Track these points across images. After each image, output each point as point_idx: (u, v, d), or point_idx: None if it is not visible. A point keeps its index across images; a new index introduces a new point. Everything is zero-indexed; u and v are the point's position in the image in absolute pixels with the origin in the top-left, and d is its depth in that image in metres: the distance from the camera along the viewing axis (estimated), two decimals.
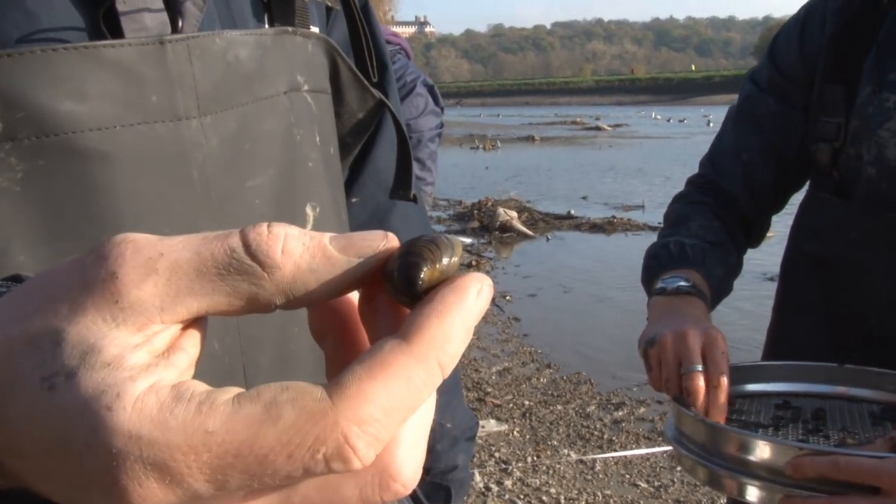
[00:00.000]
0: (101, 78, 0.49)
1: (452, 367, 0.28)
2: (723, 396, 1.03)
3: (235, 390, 0.27)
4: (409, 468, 0.28)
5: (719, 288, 1.23)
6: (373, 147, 0.84)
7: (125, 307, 0.27)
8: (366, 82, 0.75)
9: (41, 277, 0.29)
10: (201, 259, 0.27)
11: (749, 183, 1.31)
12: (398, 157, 0.80)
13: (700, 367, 1.05)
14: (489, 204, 10.17)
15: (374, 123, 0.80)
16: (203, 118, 0.54)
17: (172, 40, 0.52)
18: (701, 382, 1.04)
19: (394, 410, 0.26)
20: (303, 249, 0.28)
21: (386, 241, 0.30)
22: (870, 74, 1.15)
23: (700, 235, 1.26)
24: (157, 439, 0.25)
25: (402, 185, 0.80)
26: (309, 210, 0.63)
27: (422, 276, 0.29)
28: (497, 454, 3.74)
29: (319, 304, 0.32)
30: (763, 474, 0.90)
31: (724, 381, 1.03)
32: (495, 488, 3.41)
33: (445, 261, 0.29)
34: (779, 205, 1.33)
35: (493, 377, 4.76)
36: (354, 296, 0.32)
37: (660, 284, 1.19)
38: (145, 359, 0.27)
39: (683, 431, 1.03)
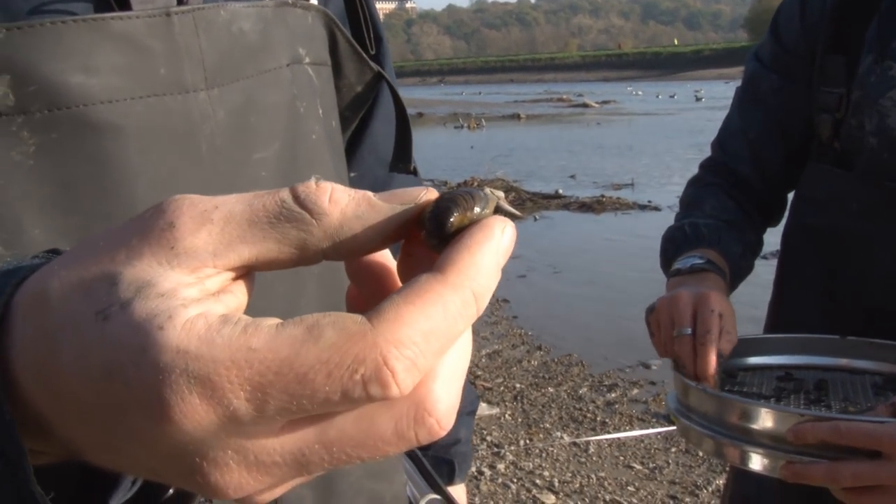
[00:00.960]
0: (109, 51, 0.51)
1: (486, 300, 0.29)
2: (709, 354, 1.04)
3: (280, 320, 0.28)
4: (444, 403, 0.29)
5: (738, 265, 1.25)
6: (370, 121, 0.85)
7: (180, 252, 0.29)
8: (364, 55, 0.76)
9: (101, 232, 0.30)
10: (253, 210, 0.29)
11: (758, 162, 1.33)
12: (397, 130, 0.81)
13: (689, 330, 1.07)
14: (475, 184, 10.13)
15: (371, 97, 0.82)
16: (210, 90, 0.55)
17: (179, 12, 0.54)
18: (689, 347, 1.06)
19: (431, 336, 0.27)
20: (349, 199, 0.30)
21: (427, 193, 0.32)
22: (872, 44, 1.17)
23: (714, 215, 1.29)
24: (203, 354, 0.26)
25: (402, 157, 0.82)
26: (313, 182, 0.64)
27: (451, 219, 0.31)
28: (489, 438, 3.78)
29: (359, 268, 0.34)
30: (765, 442, 0.93)
31: (709, 337, 1.05)
32: (488, 472, 3.45)
33: (477, 210, 0.31)
34: (791, 182, 1.35)
35: (483, 360, 4.80)
36: (393, 264, 0.34)
37: (675, 266, 1.22)
38: (197, 294, 0.28)
39: (682, 400, 1.05)
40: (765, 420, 0.93)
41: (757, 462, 0.94)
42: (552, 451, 3.64)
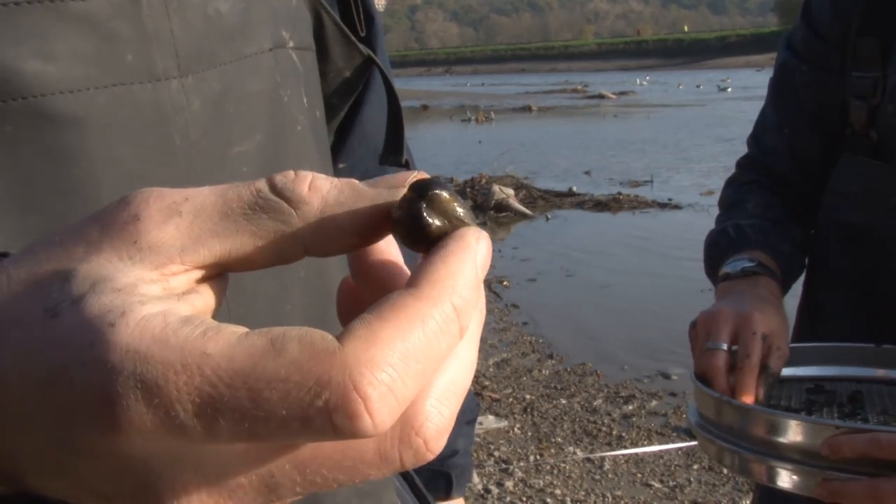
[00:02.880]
0: (69, 35, 0.49)
1: (469, 313, 0.28)
2: (751, 380, 1.03)
3: (248, 329, 0.27)
4: (434, 423, 0.27)
5: (789, 265, 1.25)
6: (361, 108, 0.84)
7: (143, 247, 0.28)
8: (352, 37, 0.75)
9: (62, 227, 0.30)
10: (226, 200, 0.29)
11: (796, 158, 1.33)
12: (388, 120, 0.80)
13: (723, 346, 1.06)
14: (483, 181, 10.16)
15: (361, 82, 0.80)
16: (184, 79, 0.54)
17: None
18: (720, 362, 1.05)
19: (411, 357, 0.26)
20: (330, 186, 0.30)
21: (417, 175, 0.31)
22: None
23: (758, 215, 1.29)
24: (154, 355, 0.25)
25: (393, 149, 0.81)
26: None
27: (432, 223, 0.30)
28: (496, 453, 3.76)
29: (365, 266, 0.33)
30: (795, 457, 0.91)
31: (750, 362, 1.04)
32: (495, 490, 3.43)
33: (460, 210, 0.31)
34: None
35: (491, 369, 4.78)
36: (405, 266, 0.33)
37: (724, 270, 1.21)
38: (158, 292, 0.28)
39: (703, 413, 1.03)
40: (795, 433, 0.91)
41: (786, 479, 0.93)
42: (564, 468, 3.62)
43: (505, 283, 6.63)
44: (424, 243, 0.30)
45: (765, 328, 1.06)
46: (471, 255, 0.29)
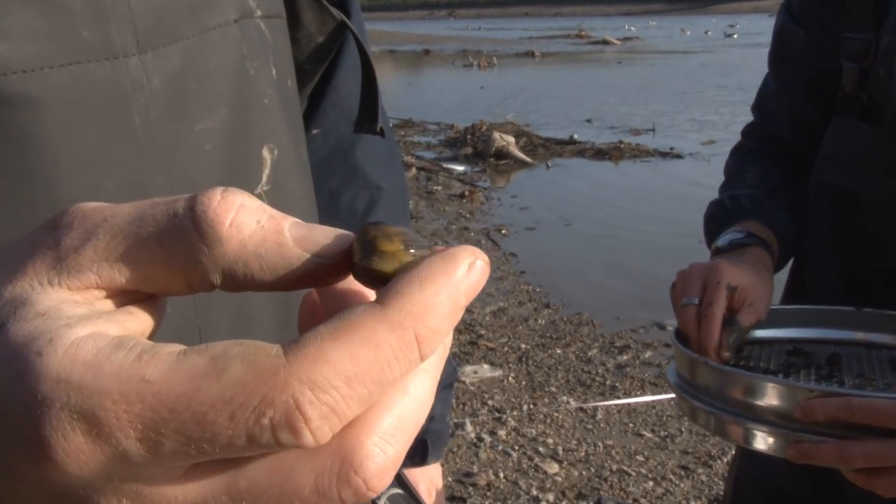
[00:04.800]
0: (20, 12, 0.47)
1: (432, 346, 0.26)
2: (712, 328, 1.04)
3: (184, 346, 0.26)
4: (376, 462, 0.26)
5: (787, 233, 1.25)
6: (334, 73, 0.82)
7: (62, 271, 0.27)
8: (324, 1, 0.73)
9: None
10: (143, 223, 0.27)
11: (795, 123, 1.33)
12: (363, 86, 0.78)
13: (695, 300, 1.07)
14: (484, 128, 10.09)
15: (335, 47, 0.79)
16: (143, 55, 0.52)
17: None
18: (691, 316, 1.06)
19: (357, 380, 0.25)
20: (255, 227, 0.27)
21: (350, 241, 0.29)
22: None
23: (756, 184, 1.30)
24: (88, 384, 0.25)
25: (368, 117, 0.78)
26: (266, 153, 0.61)
27: (382, 263, 0.28)
28: (490, 402, 3.80)
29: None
30: (771, 419, 0.92)
31: (711, 309, 1.04)
32: (488, 438, 3.48)
33: (413, 251, 0.29)
34: None
35: (487, 318, 4.81)
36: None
37: (716, 244, 1.22)
38: (85, 312, 0.27)
39: (682, 374, 1.05)
40: (771, 396, 0.92)
41: (761, 441, 0.94)
42: (557, 417, 3.67)
43: (503, 231, 6.63)
44: (383, 283, 0.28)
45: (732, 279, 1.07)
46: (453, 283, 0.27)
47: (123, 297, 0.29)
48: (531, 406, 3.77)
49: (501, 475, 3.22)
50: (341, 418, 0.25)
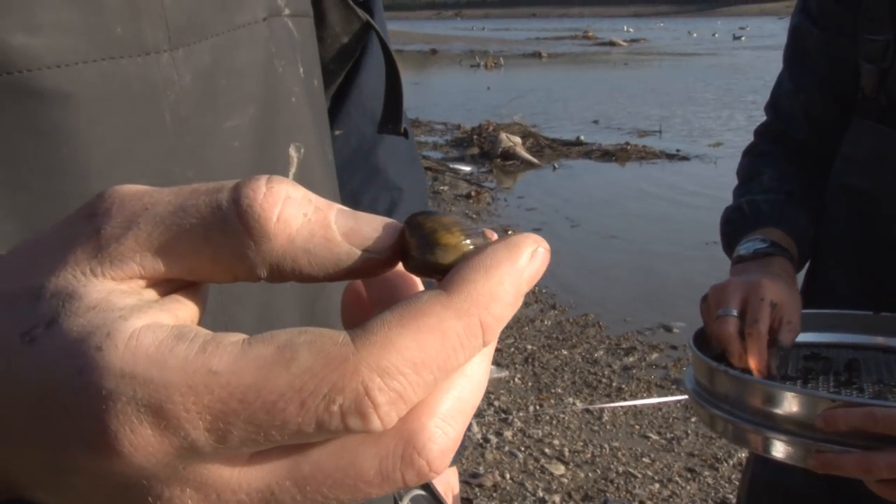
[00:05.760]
0: (55, 6, 0.47)
1: (495, 333, 0.27)
2: (760, 347, 1.03)
3: (245, 335, 0.26)
4: (438, 443, 0.26)
5: (806, 237, 1.25)
6: (358, 74, 0.82)
7: (104, 261, 0.27)
8: (350, 2, 0.73)
9: (30, 239, 0.29)
10: (186, 214, 0.27)
11: (812, 123, 1.32)
12: (387, 87, 0.78)
13: (734, 312, 1.05)
14: (490, 129, 10.09)
15: (359, 48, 0.79)
16: (174, 51, 0.52)
17: None
18: (731, 328, 1.05)
19: (424, 367, 0.25)
20: (302, 221, 0.27)
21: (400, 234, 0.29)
22: None
23: (773, 188, 1.29)
24: (154, 378, 0.25)
25: (391, 118, 0.79)
26: (293, 152, 0.62)
27: (444, 252, 0.28)
28: (496, 403, 3.79)
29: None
30: (790, 428, 0.91)
31: (758, 328, 1.03)
32: (494, 440, 3.47)
33: (468, 242, 0.29)
34: None
35: None
36: None
37: (738, 251, 1.21)
38: (136, 302, 0.27)
39: (700, 381, 1.03)
40: (791, 405, 0.91)
41: (781, 450, 0.93)
42: (563, 419, 3.66)
43: (510, 231, 6.61)
44: (441, 274, 0.28)
45: (774, 297, 1.06)
46: (517, 271, 0.27)
47: (166, 286, 0.28)
48: (537, 407, 3.76)
49: (508, 476, 3.21)
50: (408, 404, 0.25)
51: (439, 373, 0.26)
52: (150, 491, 0.26)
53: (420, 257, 0.28)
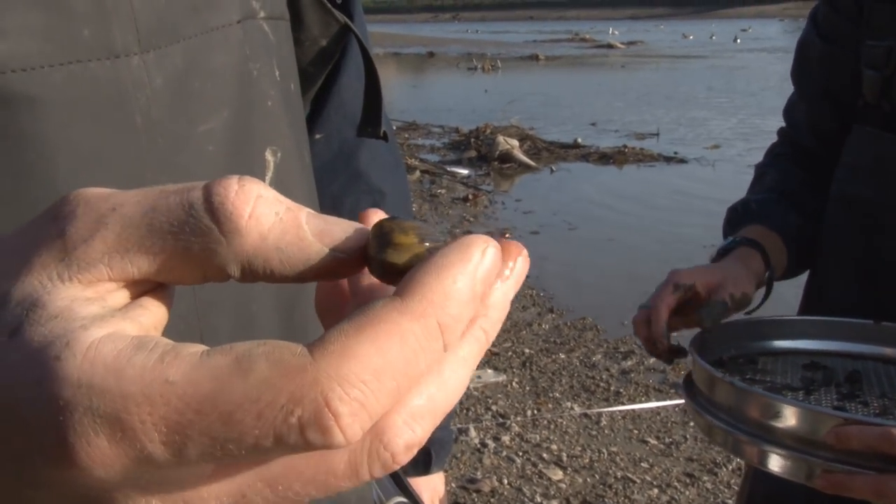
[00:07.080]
0: (20, 9, 0.46)
1: (455, 334, 0.26)
2: (658, 315, 1.12)
3: (205, 347, 0.26)
4: (404, 439, 0.26)
5: (799, 235, 1.28)
6: (337, 77, 0.82)
7: (71, 263, 0.27)
8: (328, 4, 0.73)
9: None
10: (156, 213, 0.27)
11: (815, 132, 1.36)
12: (366, 90, 0.78)
13: (649, 305, 1.15)
14: (488, 131, 10.08)
15: (338, 51, 0.78)
16: (145, 54, 0.51)
17: None
18: (639, 317, 1.16)
19: (385, 373, 0.25)
20: (274, 220, 0.27)
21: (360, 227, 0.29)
22: None
23: (771, 188, 1.34)
24: (111, 387, 0.24)
25: (371, 121, 0.79)
26: (269, 156, 0.61)
27: (398, 253, 0.28)
28: (494, 407, 3.77)
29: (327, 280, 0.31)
30: (790, 443, 0.89)
31: (657, 302, 1.13)
32: (492, 444, 3.45)
33: (427, 243, 0.29)
34: None
35: None
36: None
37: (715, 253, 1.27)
38: (98, 310, 0.26)
39: (700, 388, 1.02)
40: (795, 419, 0.89)
41: (776, 463, 0.91)
42: (561, 423, 3.64)
43: (507, 234, 6.60)
44: (399, 277, 0.28)
45: (681, 279, 1.14)
46: (469, 269, 0.27)
47: (134, 288, 0.28)
48: (535, 412, 3.74)
49: (505, 481, 3.19)
50: (371, 415, 0.25)
51: (402, 378, 0.25)
52: (114, 501, 0.26)
53: (375, 256, 0.28)
